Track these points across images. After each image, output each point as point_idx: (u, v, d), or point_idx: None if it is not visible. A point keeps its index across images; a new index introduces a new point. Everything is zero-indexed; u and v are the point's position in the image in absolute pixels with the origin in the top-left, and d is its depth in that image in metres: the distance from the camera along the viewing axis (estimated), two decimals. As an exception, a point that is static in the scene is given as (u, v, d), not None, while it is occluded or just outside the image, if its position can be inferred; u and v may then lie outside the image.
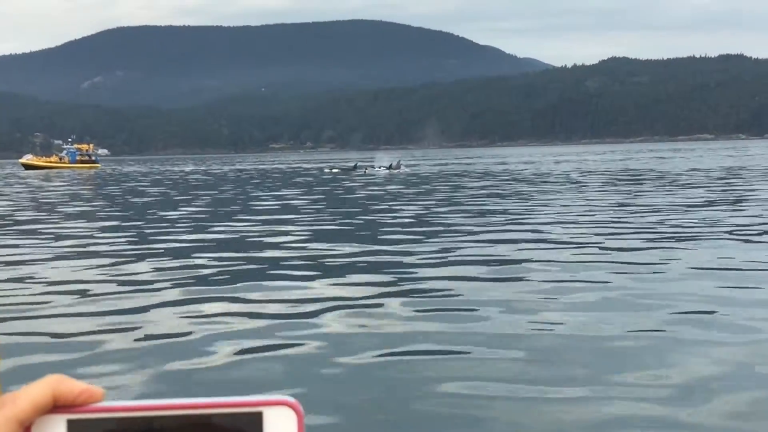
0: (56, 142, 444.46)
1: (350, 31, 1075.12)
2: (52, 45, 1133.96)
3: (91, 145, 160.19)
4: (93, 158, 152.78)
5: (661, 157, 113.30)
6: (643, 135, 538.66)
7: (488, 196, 40.66)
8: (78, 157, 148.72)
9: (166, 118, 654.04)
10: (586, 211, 30.09)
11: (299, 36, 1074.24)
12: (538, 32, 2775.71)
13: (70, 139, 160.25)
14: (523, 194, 40.96)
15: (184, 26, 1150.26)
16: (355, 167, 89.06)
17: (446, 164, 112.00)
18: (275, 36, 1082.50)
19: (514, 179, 59.63)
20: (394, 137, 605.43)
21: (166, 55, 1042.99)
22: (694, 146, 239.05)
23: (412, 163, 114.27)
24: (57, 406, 0.76)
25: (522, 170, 79.02)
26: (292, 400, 0.76)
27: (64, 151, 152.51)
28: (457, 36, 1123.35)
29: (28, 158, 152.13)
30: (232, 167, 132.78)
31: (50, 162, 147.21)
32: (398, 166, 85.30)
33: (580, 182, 52.39)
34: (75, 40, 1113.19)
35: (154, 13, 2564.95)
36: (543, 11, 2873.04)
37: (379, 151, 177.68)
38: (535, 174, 68.68)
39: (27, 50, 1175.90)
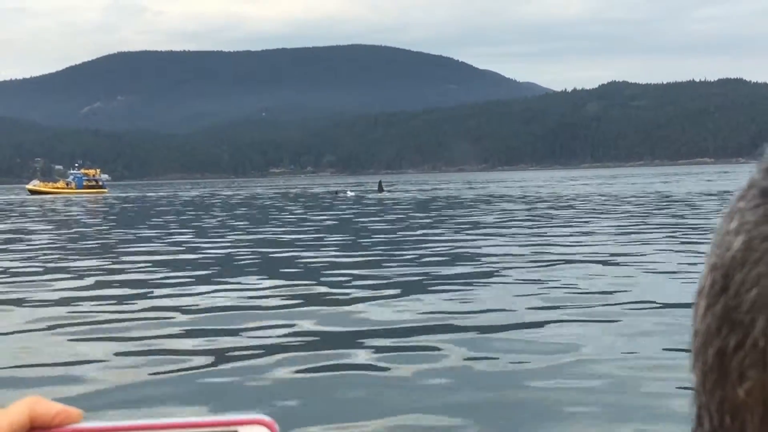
0: (57, 167, 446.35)
1: (351, 55, 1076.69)
2: (53, 70, 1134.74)
3: (98, 170, 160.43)
4: (100, 183, 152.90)
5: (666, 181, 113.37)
6: (643, 159, 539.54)
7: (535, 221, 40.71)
8: (85, 182, 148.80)
9: (167, 143, 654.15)
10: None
11: (300, 61, 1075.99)
12: (538, 56, 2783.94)
13: (76, 165, 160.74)
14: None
15: (184, 51, 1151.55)
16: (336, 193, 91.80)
17: (476, 187, 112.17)
18: (276, 61, 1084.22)
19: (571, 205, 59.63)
20: (393, 162, 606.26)
21: (166, 80, 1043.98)
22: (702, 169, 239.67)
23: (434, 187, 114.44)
24: (34, 428, 0.75)
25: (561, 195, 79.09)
26: (267, 418, 0.75)
27: (71, 176, 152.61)
28: (457, 60, 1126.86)
29: (34, 184, 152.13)
30: (255, 191, 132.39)
31: (57, 187, 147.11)
32: (382, 189, 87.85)
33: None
34: (75, 65, 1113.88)
35: (154, 38, 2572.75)
36: (542, 36, 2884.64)
37: (379, 175, 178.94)
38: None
39: (27, 75, 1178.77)
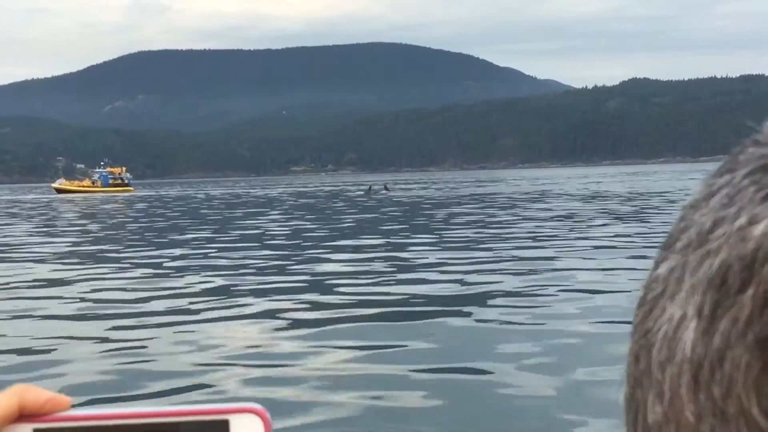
0: (78, 165, 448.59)
1: (370, 53, 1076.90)
2: (74, 69, 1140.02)
3: (124, 169, 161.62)
4: (126, 181, 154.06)
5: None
6: (665, 156, 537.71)
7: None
8: (111, 181, 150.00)
9: (187, 142, 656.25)
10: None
11: (320, 59, 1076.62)
12: (558, 54, 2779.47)
13: (102, 163, 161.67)
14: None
15: (204, 50, 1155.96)
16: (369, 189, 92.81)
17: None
18: (296, 59, 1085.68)
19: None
20: (414, 159, 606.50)
21: (187, 79, 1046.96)
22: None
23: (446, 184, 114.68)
24: (23, 415, 0.75)
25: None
26: (259, 407, 0.75)
27: (97, 175, 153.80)
28: (477, 58, 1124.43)
29: (60, 182, 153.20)
30: (295, 189, 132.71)
31: (83, 186, 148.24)
32: (386, 189, 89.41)
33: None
34: (96, 64, 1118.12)
35: (175, 37, 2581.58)
36: (563, 33, 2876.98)
37: (400, 173, 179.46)
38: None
39: (49, 75, 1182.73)
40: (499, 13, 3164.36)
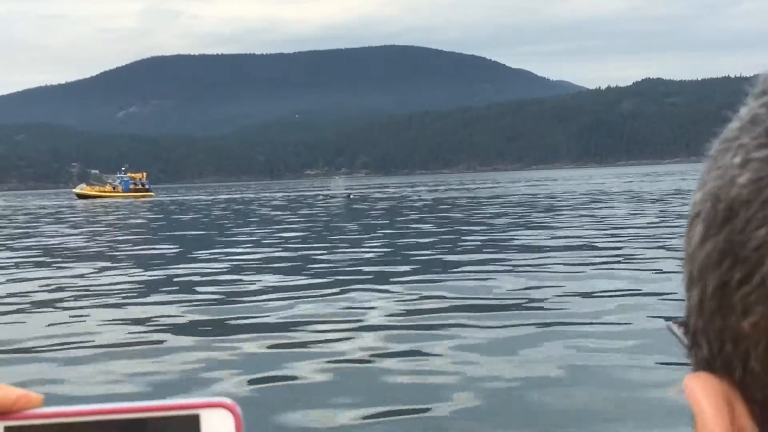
0: (93, 171, 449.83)
1: (383, 56, 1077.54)
2: (88, 75, 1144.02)
3: (144, 174, 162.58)
4: (146, 186, 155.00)
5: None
6: (679, 156, 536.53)
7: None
8: (131, 186, 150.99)
9: (202, 147, 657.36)
10: None
11: (332, 62, 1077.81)
12: (571, 55, 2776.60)
13: (123, 168, 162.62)
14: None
15: (217, 54, 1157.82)
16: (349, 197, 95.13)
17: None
18: (308, 63, 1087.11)
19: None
20: (428, 162, 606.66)
21: (200, 84, 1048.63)
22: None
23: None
24: None
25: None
26: (229, 401, 0.74)
27: (118, 180, 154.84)
28: (490, 60, 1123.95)
29: (81, 188, 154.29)
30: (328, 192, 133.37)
31: (104, 191, 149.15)
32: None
33: None
34: (110, 70, 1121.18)
35: (190, 42, 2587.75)
36: (575, 34, 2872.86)
37: (413, 175, 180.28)
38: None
39: (63, 81, 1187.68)
40: (512, 15, 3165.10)
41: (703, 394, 0.66)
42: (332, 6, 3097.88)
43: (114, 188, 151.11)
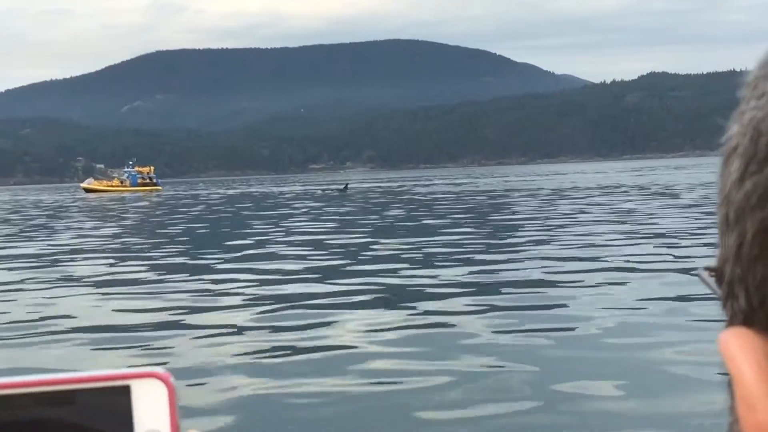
0: (98, 165, 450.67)
1: (388, 51, 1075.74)
2: (92, 70, 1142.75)
3: (152, 168, 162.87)
4: (154, 180, 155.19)
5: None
6: (684, 150, 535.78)
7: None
8: (139, 180, 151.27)
9: (206, 141, 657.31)
10: None
11: (337, 57, 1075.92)
12: (576, 49, 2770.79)
13: (131, 162, 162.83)
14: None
15: (222, 49, 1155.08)
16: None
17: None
18: (313, 57, 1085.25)
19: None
20: (433, 156, 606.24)
21: (205, 78, 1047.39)
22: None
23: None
24: None
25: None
26: (162, 371, 0.72)
27: (125, 174, 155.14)
28: (494, 54, 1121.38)
29: (89, 182, 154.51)
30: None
31: (112, 186, 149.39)
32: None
33: None
34: (114, 64, 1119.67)
35: (195, 37, 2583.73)
36: (580, 28, 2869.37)
37: (418, 169, 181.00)
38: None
39: (67, 75, 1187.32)
40: (516, 9, 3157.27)
41: (742, 351, 0.59)
42: (337, 0, 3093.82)
43: (122, 182, 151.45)
